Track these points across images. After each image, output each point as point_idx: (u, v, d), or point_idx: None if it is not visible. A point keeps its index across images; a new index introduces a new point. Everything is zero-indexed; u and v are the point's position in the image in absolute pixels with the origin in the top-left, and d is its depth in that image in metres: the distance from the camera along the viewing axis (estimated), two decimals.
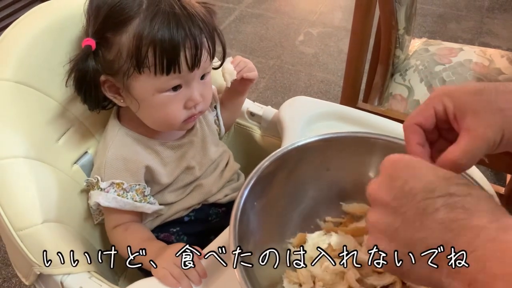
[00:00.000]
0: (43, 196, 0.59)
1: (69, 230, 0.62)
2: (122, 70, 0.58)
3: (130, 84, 0.59)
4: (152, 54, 0.55)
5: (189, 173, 0.70)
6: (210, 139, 0.73)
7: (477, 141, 0.40)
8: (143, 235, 0.64)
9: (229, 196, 0.73)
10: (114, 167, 0.63)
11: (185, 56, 0.56)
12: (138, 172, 0.64)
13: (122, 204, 0.62)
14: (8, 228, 0.56)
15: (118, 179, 0.62)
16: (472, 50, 1.20)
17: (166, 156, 0.67)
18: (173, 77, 0.58)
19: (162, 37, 0.55)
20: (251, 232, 0.54)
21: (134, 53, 0.56)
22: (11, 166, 0.57)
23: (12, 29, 0.62)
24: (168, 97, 0.60)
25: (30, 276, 0.60)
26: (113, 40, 0.57)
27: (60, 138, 0.66)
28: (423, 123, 0.44)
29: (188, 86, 0.60)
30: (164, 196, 0.69)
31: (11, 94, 0.59)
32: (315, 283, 0.54)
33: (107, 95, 0.62)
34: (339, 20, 2.31)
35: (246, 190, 0.54)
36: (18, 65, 0.60)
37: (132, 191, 0.63)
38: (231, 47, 2.10)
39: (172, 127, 0.64)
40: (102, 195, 0.61)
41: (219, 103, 0.78)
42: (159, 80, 0.58)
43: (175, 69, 0.57)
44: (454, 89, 0.43)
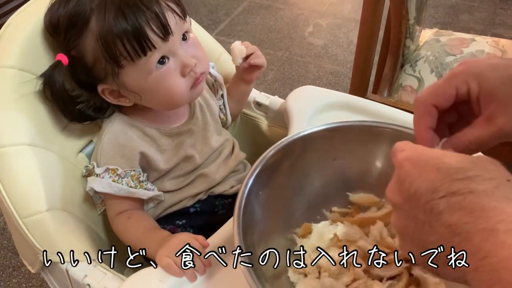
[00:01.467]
0: (48, 184, 0.59)
1: (74, 218, 0.62)
2: (107, 71, 0.58)
3: (122, 80, 0.59)
4: (121, 45, 0.55)
5: (189, 162, 0.69)
6: (212, 128, 0.72)
7: (496, 131, 0.38)
8: (147, 224, 0.64)
9: (235, 187, 0.73)
10: (109, 153, 0.63)
11: (152, 30, 0.55)
12: (132, 158, 0.64)
13: (116, 189, 0.62)
14: (13, 216, 0.56)
15: (112, 164, 0.62)
16: (485, 41, 1.18)
17: (163, 143, 0.67)
18: (152, 53, 0.57)
19: (120, 26, 0.54)
20: (256, 222, 0.54)
21: (104, 52, 0.56)
22: (16, 154, 0.57)
23: (16, 16, 0.61)
24: (160, 73, 0.59)
25: (36, 264, 0.60)
26: (83, 46, 0.58)
27: (65, 126, 0.66)
28: (441, 104, 0.41)
29: (174, 54, 0.59)
30: (164, 183, 0.68)
31: (16, 82, 0.59)
32: (320, 273, 0.54)
33: (112, 102, 0.62)
34: (348, 11, 2.28)
35: (250, 179, 0.53)
36: (22, 53, 0.60)
37: (127, 177, 0.63)
38: (240, 39, 2.07)
39: (182, 99, 0.63)
40: (97, 181, 0.61)
41: (225, 91, 0.77)
42: (141, 63, 0.57)
43: (149, 46, 0.56)
44: (482, 69, 0.39)
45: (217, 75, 0.77)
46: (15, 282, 1.19)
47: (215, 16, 2.24)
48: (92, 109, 0.64)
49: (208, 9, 2.29)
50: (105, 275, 0.57)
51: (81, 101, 0.62)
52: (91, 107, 0.63)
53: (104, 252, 0.61)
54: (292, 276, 0.55)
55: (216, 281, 0.54)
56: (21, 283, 1.19)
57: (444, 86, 0.40)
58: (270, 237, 0.55)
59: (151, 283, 0.52)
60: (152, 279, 0.52)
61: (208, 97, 0.74)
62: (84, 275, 0.57)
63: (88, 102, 0.63)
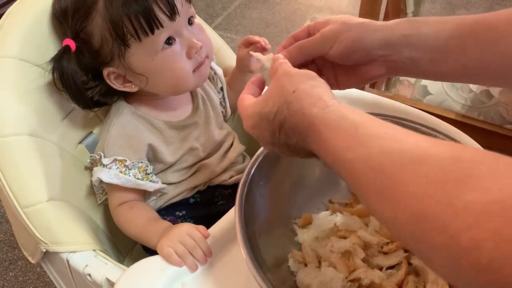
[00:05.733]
0: (48, 174, 0.59)
1: (74, 209, 0.62)
2: (114, 52, 0.58)
3: (128, 63, 0.59)
4: (129, 23, 0.55)
5: (193, 154, 0.69)
6: (214, 121, 0.73)
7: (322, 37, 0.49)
8: (148, 215, 0.64)
9: (235, 177, 0.73)
10: (117, 143, 0.62)
11: (159, 8, 0.56)
12: (140, 149, 0.64)
13: (124, 181, 0.62)
14: (14, 205, 0.56)
15: (120, 155, 0.62)
16: None
17: (169, 136, 0.67)
18: (160, 32, 0.57)
19: (129, 4, 0.54)
20: (257, 212, 0.54)
21: (113, 31, 0.56)
22: (16, 144, 0.57)
23: (17, 5, 0.61)
24: (166, 54, 0.59)
25: (36, 254, 0.60)
26: (91, 27, 0.58)
27: (65, 117, 0.66)
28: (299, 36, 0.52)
29: (180, 36, 0.60)
30: (167, 175, 0.69)
31: (16, 72, 0.59)
32: (320, 262, 0.54)
33: (118, 88, 0.62)
34: (346, 5, 2.28)
35: (252, 169, 0.54)
36: (23, 43, 0.59)
37: (135, 168, 0.63)
38: (236, 33, 2.09)
39: (187, 82, 0.63)
40: (104, 171, 0.61)
41: (225, 85, 0.77)
42: (148, 43, 0.57)
43: (156, 24, 0.56)
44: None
45: (217, 68, 0.77)
46: (12, 275, 1.18)
47: (212, 10, 2.23)
48: (99, 95, 0.64)
49: (205, 3, 2.28)
50: (106, 265, 0.57)
51: (89, 87, 0.62)
52: (97, 93, 0.63)
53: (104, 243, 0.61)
54: (293, 265, 0.55)
55: (217, 270, 0.54)
56: (18, 276, 1.18)
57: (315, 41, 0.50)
58: (271, 227, 0.56)
59: (152, 272, 0.52)
60: (153, 268, 0.53)
61: (210, 90, 0.74)
62: (85, 265, 0.57)
63: (94, 89, 0.63)
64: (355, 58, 0.49)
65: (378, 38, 0.48)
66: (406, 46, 0.48)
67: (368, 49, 0.48)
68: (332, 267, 0.53)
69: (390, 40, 0.48)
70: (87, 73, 0.62)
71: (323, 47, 0.49)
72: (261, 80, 0.51)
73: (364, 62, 0.50)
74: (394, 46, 0.48)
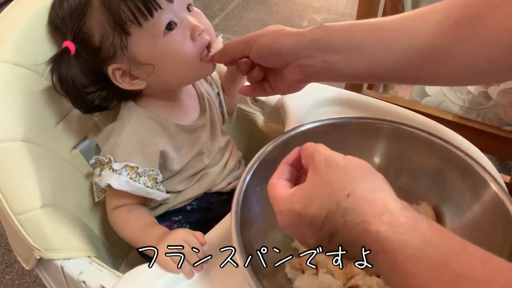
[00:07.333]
0: (42, 180, 0.58)
1: (68, 215, 0.62)
2: (116, 45, 0.57)
3: (132, 53, 0.58)
4: (126, 9, 0.54)
5: (199, 160, 0.68)
6: (218, 123, 0.72)
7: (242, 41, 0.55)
8: (146, 219, 0.63)
9: (232, 184, 0.72)
10: (128, 148, 0.61)
11: None
12: (153, 157, 0.62)
13: (134, 188, 0.60)
14: (7, 212, 0.55)
15: (132, 162, 0.60)
16: None
17: (180, 139, 0.66)
18: (159, 15, 0.56)
19: None
20: (253, 218, 0.53)
21: (111, 20, 0.55)
22: (9, 150, 0.56)
23: (10, 8, 0.60)
24: (169, 37, 0.57)
25: (30, 260, 0.59)
26: (89, 25, 0.57)
27: (59, 122, 0.65)
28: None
29: (181, 19, 0.58)
30: (173, 184, 0.67)
31: (9, 76, 0.58)
32: (318, 269, 0.54)
33: (127, 87, 0.60)
34: (343, 6, 2.28)
35: (248, 175, 0.53)
36: (16, 47, 0.59)
37: (145, 176, 0.61)
38: (234, 34, 2.08)
39: (192, 67, 0.61)
40: (115, 177, 0.59)
41: (221, 89, 0.77)
42: (149, 27, 0.56)
43: (154, 6, 0.55)
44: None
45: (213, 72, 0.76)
46: (8, 278, 1.18)
47: (209, 11, 2.22)
48: (100, 99, 0.63)
49: (202, 4, 2.27)
50: (101, 271, 0.56)
51: (90, 91, 0.61)
52: (98, 97, 0.62)
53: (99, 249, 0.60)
54: (290, 272, 0.54)
55: (213, 277, 0.54)
56: (14, 279, 1.18)
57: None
58: (268, 233, 0.55)
59: (148, 279, 0.52)
60: (148, 275, 0.52)
61: (211, 93, 0.74)
62: (79, 272, 0.56)
63: (94, 94, 0.62)
64: (270, 61, 0.54)
65: (290, 42, 0.52)
66: (318, 49, 0.51)
67: (280, 53, 0.52)
68: (329, 274, 0.52)
69: (301, 44, 0.51)
70: (88, 76, 0.60)
71: (244, 49, 0.55)
72: (298, 158, 0.44)
73: (280, 66, 0.54)
74: (305, 50, 0.51)
